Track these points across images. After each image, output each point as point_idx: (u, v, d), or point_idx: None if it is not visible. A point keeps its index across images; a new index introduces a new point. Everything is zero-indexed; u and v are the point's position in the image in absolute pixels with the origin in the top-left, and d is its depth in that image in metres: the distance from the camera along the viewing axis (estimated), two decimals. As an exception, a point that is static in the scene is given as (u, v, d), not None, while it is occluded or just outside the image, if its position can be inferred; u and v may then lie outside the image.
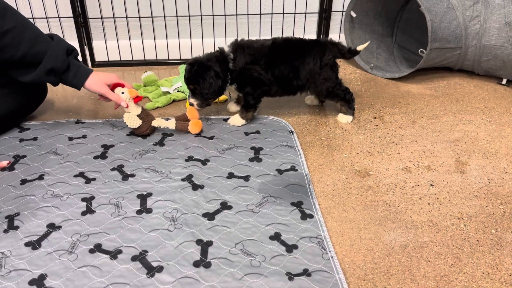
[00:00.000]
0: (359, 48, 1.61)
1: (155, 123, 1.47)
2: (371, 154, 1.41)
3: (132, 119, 1.43)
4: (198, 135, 1.49)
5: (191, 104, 1.51)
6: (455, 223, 1.12)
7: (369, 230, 1.09)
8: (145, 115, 1.45)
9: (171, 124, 1.47)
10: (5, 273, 0.94)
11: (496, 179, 1.30)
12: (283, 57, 1.51)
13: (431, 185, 1.27)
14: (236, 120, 1.56)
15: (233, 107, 1.66)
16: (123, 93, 1.42)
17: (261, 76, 1.49)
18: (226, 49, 1.49)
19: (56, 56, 1.38)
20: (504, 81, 1.95)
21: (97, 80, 1.42)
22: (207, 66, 1.44)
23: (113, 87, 1.44)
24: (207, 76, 1.44)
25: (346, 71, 2.07)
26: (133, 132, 1.48)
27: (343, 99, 1.59)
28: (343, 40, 2.20)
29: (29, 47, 1.35)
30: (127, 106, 1.43)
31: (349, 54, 1.60)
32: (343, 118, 1.61)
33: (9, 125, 1.52)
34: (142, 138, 1.46)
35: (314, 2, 2.17)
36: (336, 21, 2.23)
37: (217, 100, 1.70)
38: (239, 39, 1.54)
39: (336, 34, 2.25)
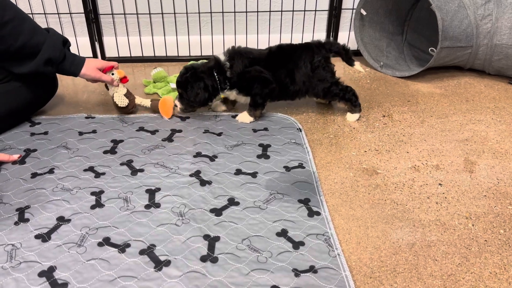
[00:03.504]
0: (356, 67, 1.62)
1: (137, 101, 1.62)
2: (379, 153, 1.41)
3: (121, 98, 1.56)
4: (206, 131, 1.50)
5: (175, 106, 1.57)
6: (463, 223, 1.12)
7: (376, 228, 1.09)
8: (129, 94, 1.60)
9: (147, 102, 1.63)
10: (15, 264, 0.96)
11: (505, 179, 1.29)
12: (279, 63, 1.53)
13: (440, 184, 1.27)
14: (245, 117, 1.56)
15: (219, 106, 1.66)
16: (113, 74, 1.56)
17: (263, 73, 1.50)
18: (222, 57, 1.51)
19: (53, 46, 1.41)
20: (516, 81, 1.93)
21: (91, 67, 1.50)
22: (199, 77, 1.47)
23: (105, 71, 1.54)
24: (195, 86, 1.47)
25: (356, 69, 2.06)
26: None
27: (343, 98, 1.58)
28: (352, 38, 2.20)
29: (28, 38, 1.37)
30: (118, 85, 1.56)
31: (343, 50, 1.58)
32: (350, 117, 1.61)
33: (20, 119, 1.54)
34: (129, 115, 1.61)
35: (324, 0, 2.16)
36: (346, 18, 2.22)
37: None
38: (236, 46, 1.55)
39: (346, 32, 2.25)
